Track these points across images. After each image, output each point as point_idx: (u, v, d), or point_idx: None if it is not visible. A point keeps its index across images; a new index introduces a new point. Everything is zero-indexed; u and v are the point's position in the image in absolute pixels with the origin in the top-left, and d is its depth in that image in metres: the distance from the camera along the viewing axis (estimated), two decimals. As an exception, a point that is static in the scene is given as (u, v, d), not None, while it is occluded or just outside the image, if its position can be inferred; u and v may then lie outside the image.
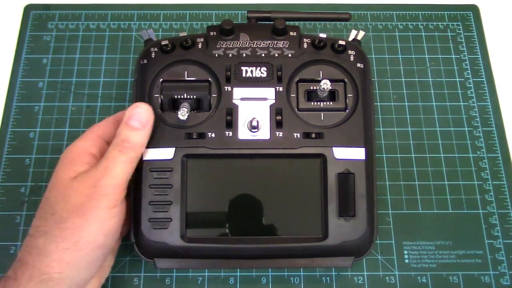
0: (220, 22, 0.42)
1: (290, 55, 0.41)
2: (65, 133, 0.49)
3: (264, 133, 0.40)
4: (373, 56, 0.53)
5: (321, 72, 0.42)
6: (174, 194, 0.39)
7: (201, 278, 0.44)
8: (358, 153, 0.40)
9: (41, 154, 0.48)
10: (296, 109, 0.41)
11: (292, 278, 0.44)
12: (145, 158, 0.39)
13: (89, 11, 0.55)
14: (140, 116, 0.38)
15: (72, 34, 0.54)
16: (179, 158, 0.39)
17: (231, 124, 0.40)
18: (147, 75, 0.41)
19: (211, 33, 0.42)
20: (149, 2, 0.56)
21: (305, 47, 0.42)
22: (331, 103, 0.41)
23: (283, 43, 0.42)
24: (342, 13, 0.45)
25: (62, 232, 0.35)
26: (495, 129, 0.51)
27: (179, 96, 0.40)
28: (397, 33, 0.55)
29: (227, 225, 0.39)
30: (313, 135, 0.40)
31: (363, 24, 0.55)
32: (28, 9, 0.55)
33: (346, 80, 0.42)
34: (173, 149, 0.39)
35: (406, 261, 0.45)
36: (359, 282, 0.44)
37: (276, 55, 0.41)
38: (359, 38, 0.44)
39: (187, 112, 0.39)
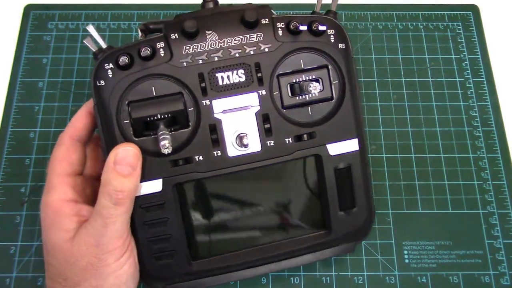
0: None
1: (267, 49, 0.36)
2: (65, 133, 0.49)
3: (254, 145, 0.36)
4: (373, 56, 0.53)
5: (301, 61, 0.37)
6: (171, 226, 0.36)
7: (201, 278, 0.44)
8: (352, 145, 0.38)
9: (41, 154, 0.48)
10: (282, 108, 0.37)
11: (292, 278, 0.44)
12: None
13: (89, 11, 0.55)
14: (128, 159, 0.34)
15: (72, 34, 0.54)
16: (169, 189, 0.36)
17: (217, 142, 0.36)
18: (110, 99, 0.35)
19: (172, 36, 0.35)
20: (149, 2, 0.56)
21: (281, 35, 0.36)
22: (316, 94, 0.37)
23: (257, 36, 0.36)
24: None
25: None
26: (495, 129, 0.51)
27: (152, 118, 0.35)
28: (397, 33, 0.55)
29: (233, 239, 0.39)
30: (305, 137, 0.37)
31: (363, 24, 0.55)
32: (28, 9, 0.55)
33: (329, 66, 0.37)
34: (160, 180, 0.36)
35: (406, 261, 0.45)
36: (359, 282, 0.44)
37: (252, 52, 0.36)
38: (333, 8, 0.39)
39: (169, 144, 0.33)
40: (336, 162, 0.38)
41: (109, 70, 0.35)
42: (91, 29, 0.36)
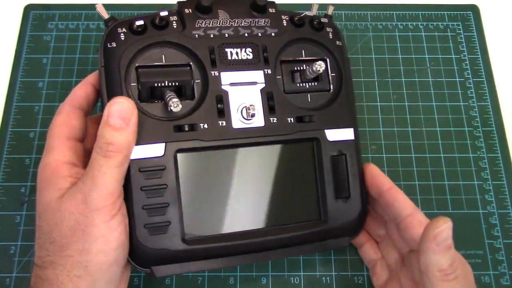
0: None
1: (273, 34, 0.39)
2: (65, 133, 0.49)
3: (258, 120, 0.37)
4: (373, 56, 0.53)
5: (303, 51, 0.40)
6: (170, 194, 0.35)
7: (201, 278, 0.44)
8: (348, 134, 0.40)
9: (41, 154, 0.47)
10: (284, 93, 0.39)
11: (292, 278, 0.44)
12: (132, 157, 0.34)
13: (89, 11, 0.55)
14: (122, 112, 0.33)
15: (72, 34, 0.54)
16: (171, 154, 0.35)
17: (223, 112, 0.37)
18: (120, 60, 0.36)
19: (186, 11, 0.38)
20: (149, 2, 0.56)
21: (285, 24, 0.39)
22: (315, 83, 0.40)
23: (265, 21, 0.39)
24: None
25: (68, 260, 0.32)
26: (495, 129, 0.51)
27: (158, 84, 0.36)
28: (397, 33, 0.55)
29: (228, 220, 0.38)
30: (306, 118, 0.38)
31: (363, 24, 0.55)
32: (28, 9, 0.55)
33: (327, 59, 0.40)
34: (163, 144, 0.35)
35: (406, 261, 0.45)
36: (359, 282, 0.44)
37: (260, 34, 0.39)
38: (329, 13, 0.42)
39: (178, 102, 0.34)
40: (333, 148, 0.39)
41: (122, 34, 0.36)
42: (98, 6, 0.38)
